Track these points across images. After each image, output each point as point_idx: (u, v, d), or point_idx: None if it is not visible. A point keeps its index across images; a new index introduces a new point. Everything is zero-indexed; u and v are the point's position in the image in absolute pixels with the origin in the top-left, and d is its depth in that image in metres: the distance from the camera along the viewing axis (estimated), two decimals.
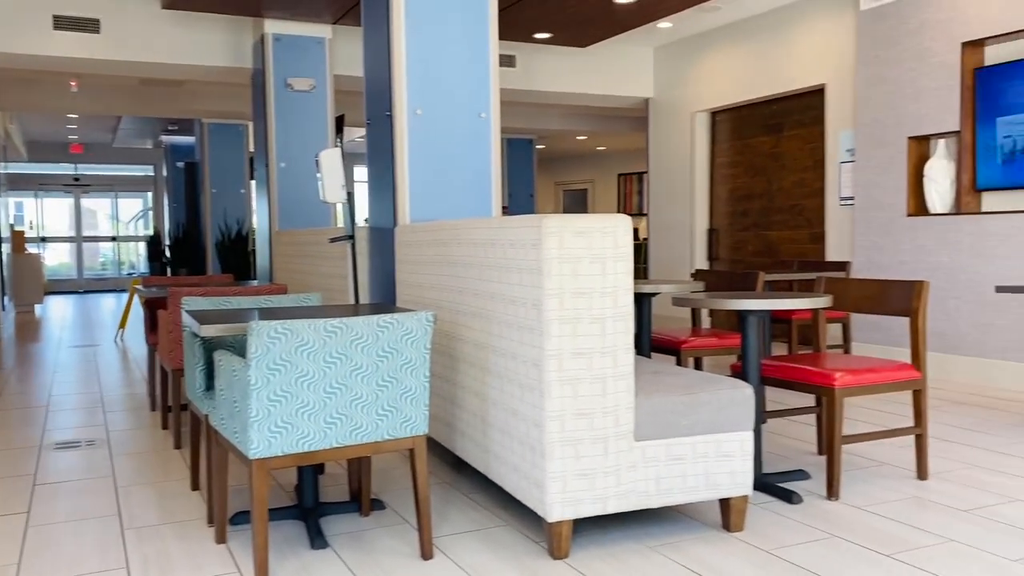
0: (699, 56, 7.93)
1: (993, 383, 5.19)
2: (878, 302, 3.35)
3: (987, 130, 5.25)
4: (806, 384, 3.09)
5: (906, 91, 5.68)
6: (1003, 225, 5.12)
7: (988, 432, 4.00)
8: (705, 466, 2.62)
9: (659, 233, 8.68)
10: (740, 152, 7.80)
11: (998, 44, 5.28)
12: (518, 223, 2.61)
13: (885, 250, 5.87)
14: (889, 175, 5.83)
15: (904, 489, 3.14)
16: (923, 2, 5.55)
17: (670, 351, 4.11)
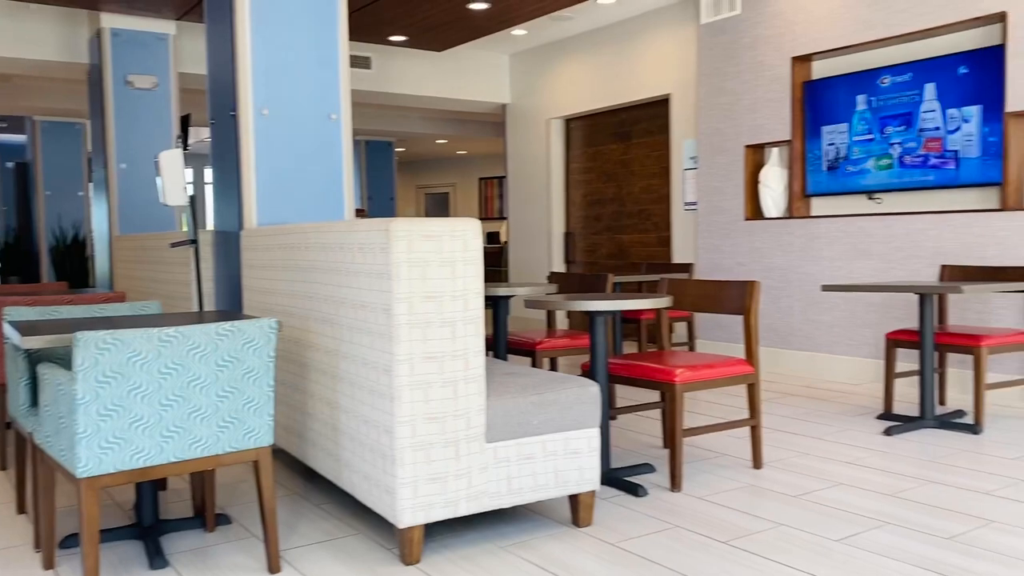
0: (553, 64, 8.11)
1: (822, 375, 5.58)
2: (715, 302, 3.53)
3: (814, 140, 5.64)
4: (650, 381, 3.22)
5: (743, 102, 6.02)
6: (829, 228, 5.52)
7: (817, 421, 4.30)
8: (555, 464, 2.68)
9: (519, 236, 8.81)
10: (593, 158, 8.03)
11: (823, 59, 5.69)
12: (366, 226, 2.58)
13: (725, 252, 6.19)
14: (728, 181, 6.16)
15: (741, 478, 3.32)
16: (757, 19, 5.90)
17: (526, 352, 4.18)
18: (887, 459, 3.55)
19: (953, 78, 4.86)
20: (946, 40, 5.04)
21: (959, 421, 4.09)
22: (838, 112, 5.48)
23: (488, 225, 16.06)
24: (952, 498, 3.01)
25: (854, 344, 5.41)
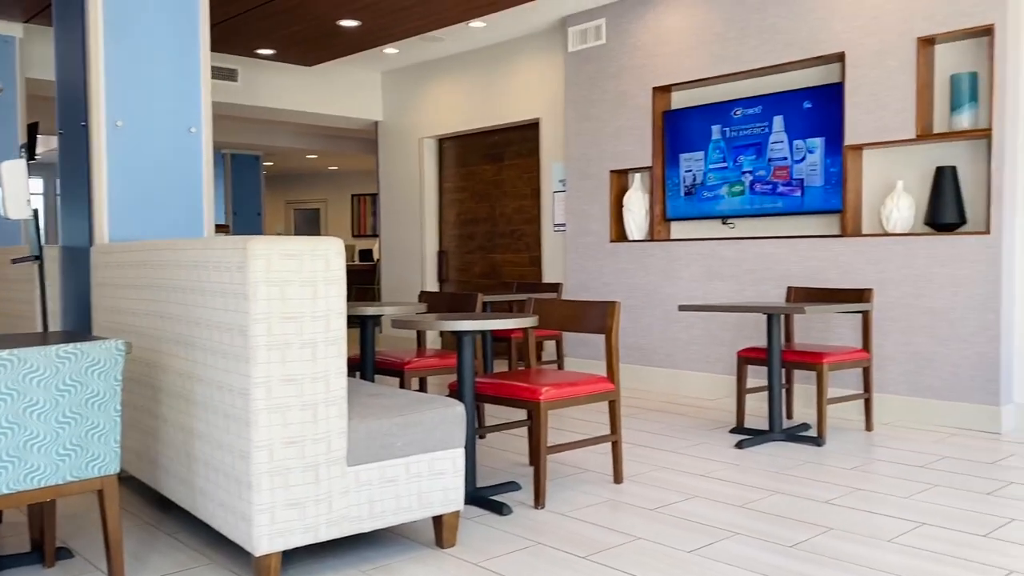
0: (426, 84, 8.14)
1: (681, 391, 5.81)
2: (579, 321, 3.62)
3: (673, 167, 5.90)
4: (516, 399, 3.27)
5: (608, 129, 6.23)
6: (687, 251, 5.77)
7: (675, 436, 4.47)
8: (418, 485, 2.67)
9: (391, 255, 8.75)
10: (466, 178, 8.09)
11: (682, 91, 5.97)
12: (223, 244, 2.51)
13: (592, 272, 6.37)
14: (595, 204, 6.35)
15: (602, 493, 3.41)
16: (621, 49, 6.13)
17: (394, 372, 4.15)
18: (738, 471, 3.73)
19: (799, 112, 5.21)
20: (794, 76, 5.40)
21: (804, 434, 4.35)
22: (695, 141, 5.76)
23: (361, 242, 15.87)
24: (796, 508, 3.20)
25: (710, 361, 5.67)
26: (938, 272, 4.61)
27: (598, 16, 6.26)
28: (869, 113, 4.86)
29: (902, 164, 4.90)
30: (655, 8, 5.90)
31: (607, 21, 6.21)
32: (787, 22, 5.21)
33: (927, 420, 4.65)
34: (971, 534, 2.87)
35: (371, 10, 6.12)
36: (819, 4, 5.06)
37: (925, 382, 4.67)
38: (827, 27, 5.03)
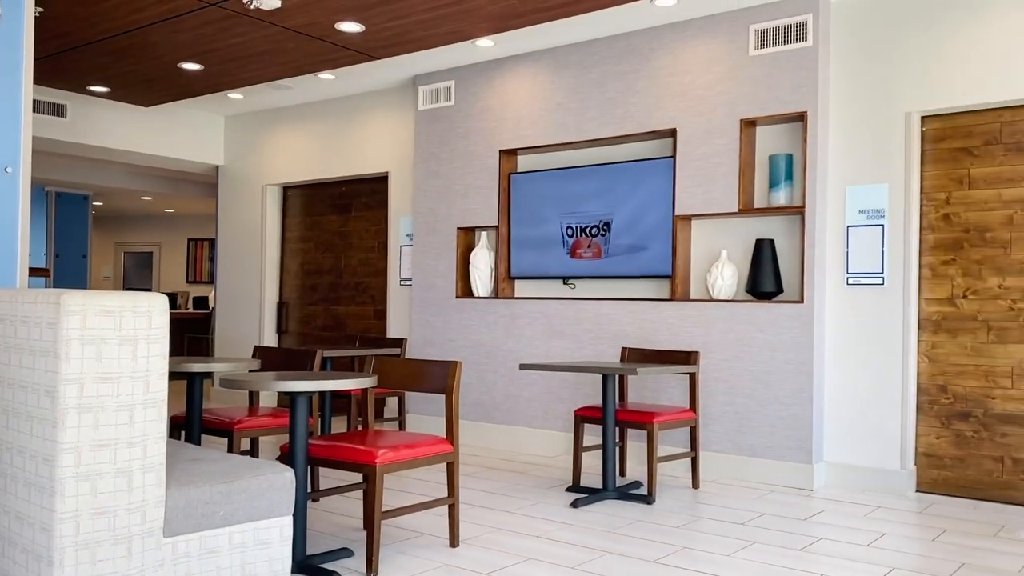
0: (272, 130, 7.97)
1: (522, 448, 5.87)
2: (420, 380, 3.60)
3: (518, 226, 6.04)
4: (351, 463, 3.18)
5: (456, 186, 6.32)
6: (530, 309, 5.89)
7: (513, 495, 4.49)
8: (242, 556, 2.54)
9: (228, 304, 8.40)
10: (311, 228, 7.94)
11: (528, 155, 6.16)
12: (33, 298, 2.33)
13: (438, 328, 6.37)
14: (442, 260, 6.39)
15: (438, 558, 3.36)
16: (470, 111, 6.26)
17: (223, 433, 3.96)
18: (572, 531, 3.79)
19: (637, 181, 5.48)
20: (632, 148, 5.69)
21: (636, 492, 4.48)
22: (539, 203, 5.93)
23: (196, 289, 15.16)
24: (626, 568, 3.27)
25: (550, 418, 5.77)
26: (757, 337, 4.93)
27: (448, 78, 6.39)
28: (698, 186, 5.18)
29: (727, 235, 5.24)
30: (502, 74, 6.09)
31: (456, 83, 6.34)
32: (624, 97, 5.50)
33: (748, 477, 4.92)
34: None
35: (215, 55, 5.96)
36: (653, 83, 5.38)
37: (746, 441, 4.94)
38: (660, 105, 5.35)
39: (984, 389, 4.54)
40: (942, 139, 4.70)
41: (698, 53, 5.22)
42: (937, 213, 4.70)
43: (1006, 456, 4.47)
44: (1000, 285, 4.51)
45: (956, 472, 4.61)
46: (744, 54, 5.04)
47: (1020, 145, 4.46)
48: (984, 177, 4.57)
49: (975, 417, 4.56)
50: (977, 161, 4.59)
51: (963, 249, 4.62)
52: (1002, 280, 4.50)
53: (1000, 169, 4.52)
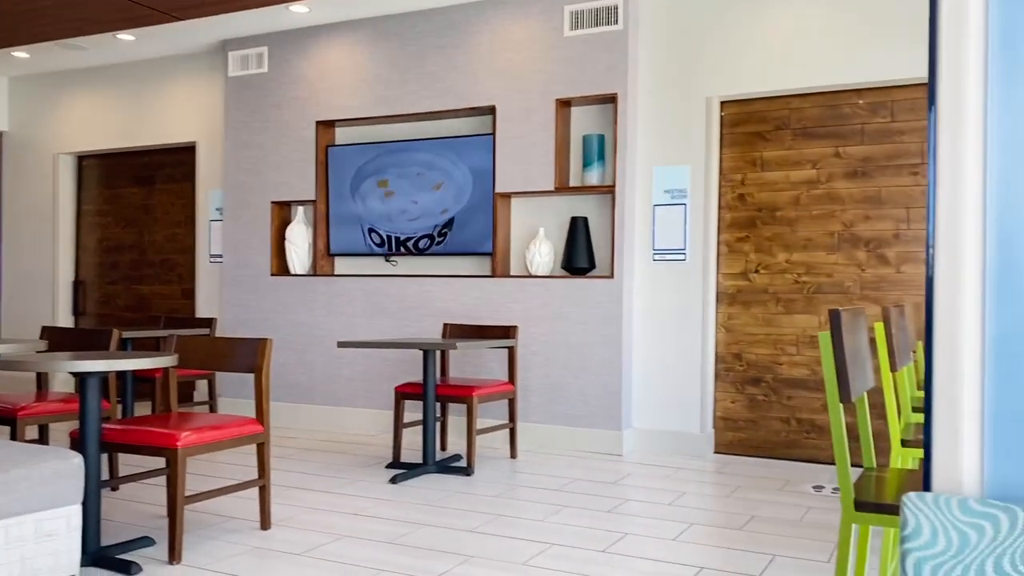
0: (65, 94, 7.31)
1: (343, 428, 5.77)
2: (226, 360, 3.44)
3: (337, 201, 5.90)
4: (150, 447, 3.00)
5: (270, 158, 6.07)
6: (351, 286, 5.78)
7: (331, 475, 4.41)
8: (21, 551, 2.33)
9: (15, 284, 7.66)
10: (110, 201, 7.38)
11: (346, 127, 6.01)
12: None
13: (252, 307, 6.12)
14: (255, 236, 6.13)
15: (248, 541, 3.24)
16: (283, 79, 6.02)
17: (6, 420, 3.61)
18: (391, 507, 3.77)
19: (457, 158, 5.49)
20: (454, 123, 5.69)
21: (456, 465, 4.52)
22: (358, 177, 5.82)
23: None
24: (443, 539, 3.30)
25: (372, 396, 5.70)
26: (572, 311, 5.09)
27: (260, 43, 6.11)
28: (517, 164, 5.26)
29: (544, 213, 5.37)
30: (318, 43, 5.90)
31: (269, 50, 6.07)
32: (444, 72, 5.49)
33: (563, 445, 5.09)
34: (592, 550, 3.16)
35: None
36: (473, 59, 5.40)
37: (561, 411, 5.11)
38: (480, 81, 5.38)
39: (773, 356, 4.93)
40: (739, 124, 5.02)
41: (516, 31, 5.28)
42: (734, 193, 5.04)
43: (791, 417, 4.88)
44: (787, 260, 4.90)
45: (749, 433, 4.99)
46: (559, 35, 5.15)
47: (806, 131, 4.86)
48: (775, 160, 4.93)
49: (765, 382, 4.95)
50: (769, 145, 4.95)
51: (756, 227, 4.98)
52: (789, 256, 4.90)
53: (788, 152, 4.90)
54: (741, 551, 3.16)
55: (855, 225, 4.73)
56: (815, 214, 4.83)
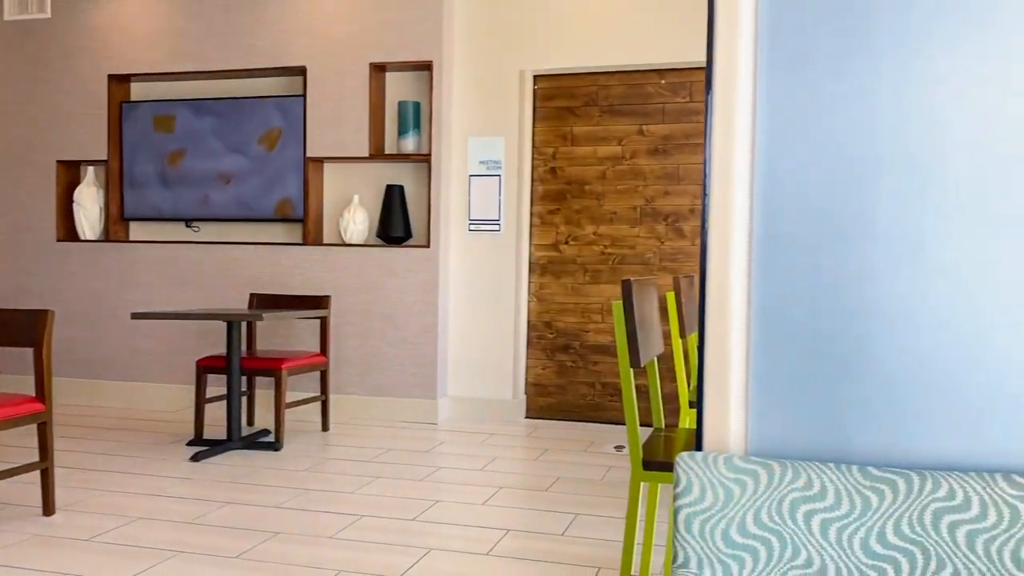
0: None
1: (141, 405, 5.43)
2: (1, 333, 3.13)
3: (133, 162, 5.49)
4: None
5: (56, 113, 5.54)
6: (148, 254, 5.42)
7: (127, 455, 4.14)
8: None
9: None
10: None
11: (144, 82, 5.59)
12: None
13: (34, 276, 5.60)
14: (37, 198, 5.59)
15: (28, 529, 2.99)
16: (70, 27, 5.50)
17: None
18: (191, 486, 3.60)
19: (267, 119, 5.25)
20: (262, 83, 5.43)
21: (263, 440, 4.38)
22: (157, 137, 5.44)
23: None
24: (247, 516, 3.19)
25: (172, 371, 5.39)
26: (388, 280, 5.04)
27: None
28: (329, 128, 5.11)
29: (359, 180, 5.26)
30: None
31: None
32: (251, 28, 5.22)
33: (379, 416, 5.06)
34: (402, 519, 3.17)
35: None
36: (282, 17, 5.17)
37: (377, 381, 5.07)
38: (290, 41, 5.16)
39: (580, 324, 5.13)
40: (551, 97, 5.14)
41: None
42: (546, 166, 5.16)
43: (597, 382, 5.11)
44: (595, 232, 5.09)
45: (558, 398, 5.17)
46: None
47: (613, 108, 5.04)
48: (584, 135, 5.09)
49: (573, 349, 5.14)
50: (578, 120, 5.10)
51: (566, 200, 5.13)
52: (596, 228, 5.09)
53: (596, 128, 5.07)
54: (546, 511, 3.28)
55: (656, 200, 4.99)
56: (620, 189, 5.04)
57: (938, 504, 1.09)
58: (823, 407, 1.20)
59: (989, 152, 1.13)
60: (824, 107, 1.18)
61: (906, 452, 1.17)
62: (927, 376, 1.15)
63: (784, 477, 1.14)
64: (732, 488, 1.14)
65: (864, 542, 1.09)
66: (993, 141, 1.12)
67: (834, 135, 1.18)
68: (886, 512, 1.10)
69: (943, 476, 1.11)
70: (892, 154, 1.16)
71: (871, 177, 1.17)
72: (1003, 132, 1.12)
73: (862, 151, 1.17)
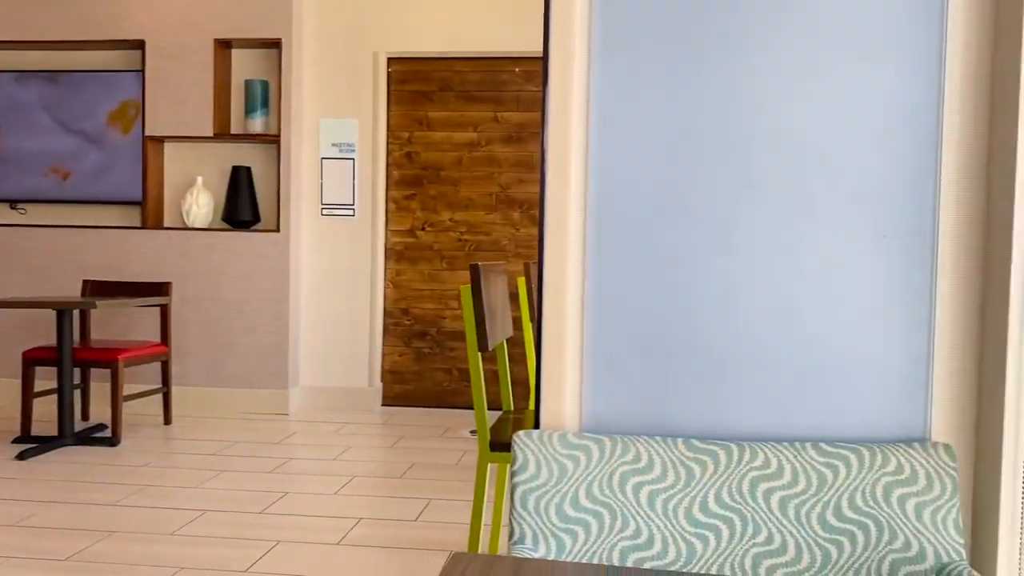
0: None
1: None
2: None
3: None
4: None
5: None
6: None
7: None
8: None
9: None
10: None
11: None
12: None
13: None
14: None
15: None
16: None
17: None
18: (17, 486, 3.34)
19: (102, 95, 4.92)
20: (96, 56, 5.07)
21: (99, 435, 4.13)
22: None
23: None
24: (79, 516, 3.00)
25: None
26: (235, 267, 4.85)
27: None
28: (170, 106, 4.85)
29: (202, 161, 5.03)
30: None
31: None
32: None
33: (227, 408, 4.87)
34: (250, 513, 3.08)
35: None
36: None
37: (225, 372, 4.88)
38: (128, 13, 4.85)
39: (437, 310, 5.12)
40: (406, 81, 5.08)
41: None
42: (401, 151, 5.11)
43: (453, 368, 5.13)
44: (451, 219, 5.10)
45: (415, 385, 5.16)
46: None
47: (469, 94, 5.05)
48: (440, 120, 5.07)
49: (430, 335, 5.13)
50: (434, 105, 5.07)
51: (423, 185, 5.10)
52: (453, 214, 5.09)
53: (452, 114, 5.06)
54: (400, 498, 3.27)
55: (511, 188, 5.04)
56: (476, 175, 5.06)
57: (755, 473, 1.16)
58: (652, 384, 1.25)
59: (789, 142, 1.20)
60: (653, 96, 1.23)
61: (727, 425, 1.23)
62: (744, 352, 1.22)
63: (615, 451, 1.18)
64: (566, 464, 1.17)
65: (688, 511, 1.15)
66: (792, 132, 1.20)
67: (662, 123, 1.23)
68: (708, 482, 1.16)
69: (760, 446, 1.18)
70: (711, 142, 1.22)
71: (693, 163, 1.22)
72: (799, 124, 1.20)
73: (686, 139, 1.22)
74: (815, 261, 1.20)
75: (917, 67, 1.17)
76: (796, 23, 1.19)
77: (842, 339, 1.20)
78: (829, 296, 1.20)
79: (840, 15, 1.18)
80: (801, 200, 1.20)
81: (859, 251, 1.19)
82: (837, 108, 1.19)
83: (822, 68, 1.19)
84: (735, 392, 1.23)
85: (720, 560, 1.12)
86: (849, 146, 1.19)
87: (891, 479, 1.14)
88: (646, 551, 1.13)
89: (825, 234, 1.20)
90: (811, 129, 1.20)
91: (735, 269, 1.21)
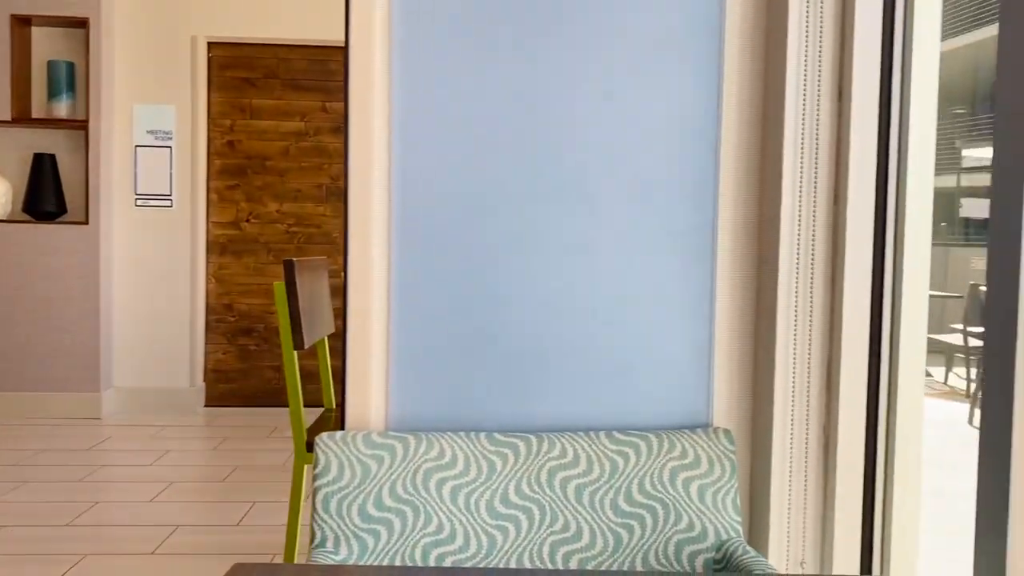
0: None
1: None
2: None
3: None
4: None
5: None
6: None
7: None
8: None
9: None
10: None
11: None
12: None
13: None
14: None
15: None
16: None
17: None
18: None
19: None
20: None
21: None
22: None
23: None
24: None
25: None
26: (39, 261, 4.49)
27: None
28: None
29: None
30: None
31: None
32: None
33: (32, 413, 4.51)
34: (53, 526, 2.87)
35: None
36: None
37: (28, 374, 4.51)
38: None
39: (264, 306, 4.96)
40: (228, 67, 4.87)
41: None
42: (223, 139, 4.90)
43: (280, 365, 4.98)
44: (278, 210, 4.94)
45: (240, 384, 4.97)
46: None
47: (295, 82, 4.90)
48: (265, 108, 4.90)
49: (257, 332, 4.96)
50: (259, 93, 4.89)
51: (247, 175, 4.92)
52: (280, 205, 4.94)
53: (279, 103, 4.91)
54: (221, 503, 3.15)
55: (341, 179, 4.95)
56: (304, 166, 4.93)
57: (553, 463, 1.21)
58: (457, 380, 1.27)
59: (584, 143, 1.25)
60: (453, 95, 1.24)
61: (529, 417, 1.27)
62: (541, 347, 1.26)
63: (419, 449, 1.19)
64: (369, 464, 1.17)
65: (489, 504, 1.18)
66: (586, 134, 1.25)
67: (462, 120, 1.24)
68: (509, 474, 1.20)
69: (558, 437, 1.23)
70: (510, 142, 1.25)
71: (493, 164, 1.25)
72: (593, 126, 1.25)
73: (485, 141, 1.25)
74: (608, 259, 1.25)
75: (698, 79, 1.25)
76: (591, 30, 1.24)
77: (634, 333, 1.27)
78: (622, 292, 1.26)
79: (632, 23, 1.24)
80: (594, 200, 1.25)
81: (648, 249, 1.26)
82: (628, 112, 1.25)
83: (616, 72, 1.25)
84: (536, 386, 1.27)
85: (519, 550, 1.16)
86: (638, 149, 1.25)
87: (677, 464, 1.21)
88: (448, 546, 1.15)
89: (617, 233, 1.26)
90: (603, 131, 1.25)
91: (534, 267, 1.25)
